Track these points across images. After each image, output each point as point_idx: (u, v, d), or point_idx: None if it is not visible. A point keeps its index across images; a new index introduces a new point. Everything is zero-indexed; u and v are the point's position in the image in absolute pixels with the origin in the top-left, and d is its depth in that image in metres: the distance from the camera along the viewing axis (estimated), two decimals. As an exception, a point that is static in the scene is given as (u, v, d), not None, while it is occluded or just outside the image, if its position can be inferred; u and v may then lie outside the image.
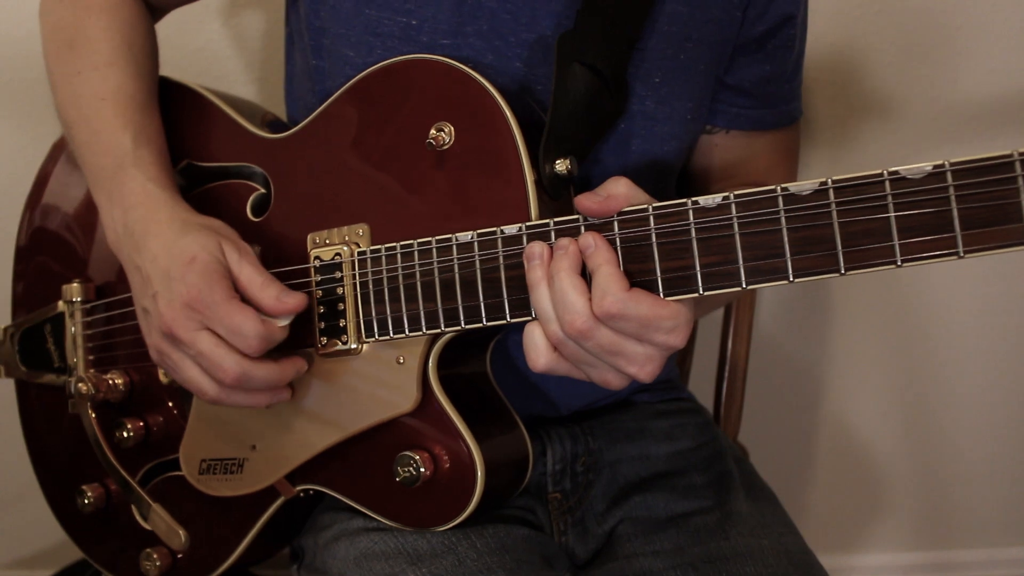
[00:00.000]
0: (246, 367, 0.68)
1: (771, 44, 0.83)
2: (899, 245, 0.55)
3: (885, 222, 0.55)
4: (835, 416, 1.32)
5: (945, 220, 0.53)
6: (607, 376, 0.63)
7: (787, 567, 0.76)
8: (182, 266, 0.68)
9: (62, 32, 0.82)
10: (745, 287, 0.59)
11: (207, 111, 0.84)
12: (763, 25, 0.81)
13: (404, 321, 0.69)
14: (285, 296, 0.69)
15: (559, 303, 0.60)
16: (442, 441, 0.70)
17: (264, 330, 0.67)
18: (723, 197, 0.59)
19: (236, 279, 0.69)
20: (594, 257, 0.60)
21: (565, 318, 0.60)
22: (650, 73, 0.77)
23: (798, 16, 0.84)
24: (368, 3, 0.75)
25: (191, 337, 0.68)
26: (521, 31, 0.75)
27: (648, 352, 0.61)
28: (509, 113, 0.67)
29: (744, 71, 0.83)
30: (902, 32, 1.15)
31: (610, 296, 0.59)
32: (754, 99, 0.85)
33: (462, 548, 0.72)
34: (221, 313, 0.67)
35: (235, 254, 0.70)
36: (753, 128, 0.86)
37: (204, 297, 0.67)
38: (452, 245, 0.67)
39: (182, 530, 0.77)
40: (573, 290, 0.60)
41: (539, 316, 0.62)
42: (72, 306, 0.87)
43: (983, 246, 0.53)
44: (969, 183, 0.53)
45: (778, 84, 0.86)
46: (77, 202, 0.92)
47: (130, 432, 0.83)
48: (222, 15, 1.18)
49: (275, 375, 0.70)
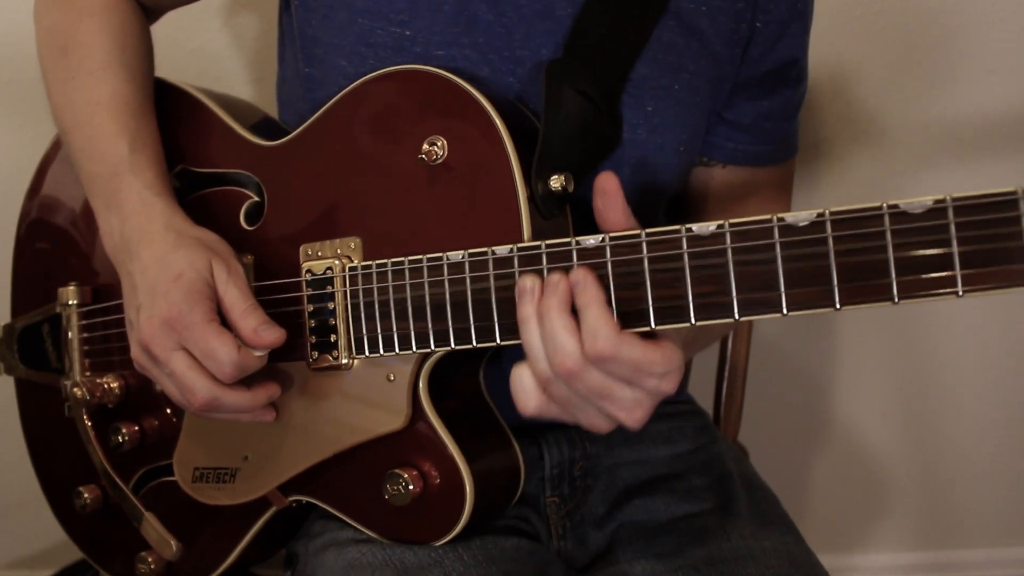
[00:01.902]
0: (216, 393, 0.67)
1: (772, 84, 0.81)
2: (896, 282, 0.53)
3: (883, 258, 0.53)
4: (835, 416, 1.32)
5: (945, 258, 0.52)
6: (595, 420, 0.61)
7: (788, 568, 0.76)
8: (167, 282, 0.68)
9: (55, 36, 0.81)
10: (738, 319, 0.57)
11: (203, 115, 0.83)
12: (766, 65, 0.80)
13: (395, 340, 0.68)
14: (263, 329, 0.68)
15: (549, 342, 0.59)
16: (432, 459, 0.70)
17: (239, 358, 0.66)
18: (718, 225, 0.58)
19: (221, 300, 0.69)
20: (583, 295, 0.59)
21: (555, 359, 0.58)
22: (642, 101, 0.75)
23: (802, 60, 0.82)
24: (362, 13, 0.74)
25: (166, 356, 0.68)
26: (516, 47, 0.73)
27: (637, 397, 0.59)
28: (503, 128, 0.66)
29: (743, 108, 0.82)
30: (902, 32, 1.14)
31: (602, 338, 0.57)
32: (752, 135, 0.84)
33: (448, 561, 0.72)
34: (198, 335, 0.66)
35: (223, 274, 0.69)
36: (750, 164, 0.85)
37: (184, 316, 0.66)
38: (443, 264, 0.66)
39: (174, 540, 0.78)
40: (563, 330, 0.58)
41: (528, 354, 0.61)
42: (68, 309, 0.87)
43: (983, 286, 0.51)
44: (970, 220, 0.51)
45: (777, 121, 0.84)
46: (78, 202, 0.92)
47: (125, 437, 0.84)
48: (220, 16, 1.17)
49: (245, 402, 0.69)
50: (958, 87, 1.16)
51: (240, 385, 0.70)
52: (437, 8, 0.73)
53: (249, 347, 0.68)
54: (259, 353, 0.68)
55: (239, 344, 0.67)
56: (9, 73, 1.20)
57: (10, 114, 1.22)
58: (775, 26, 0.78)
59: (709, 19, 0.76)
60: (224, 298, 0.69)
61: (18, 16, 1.14)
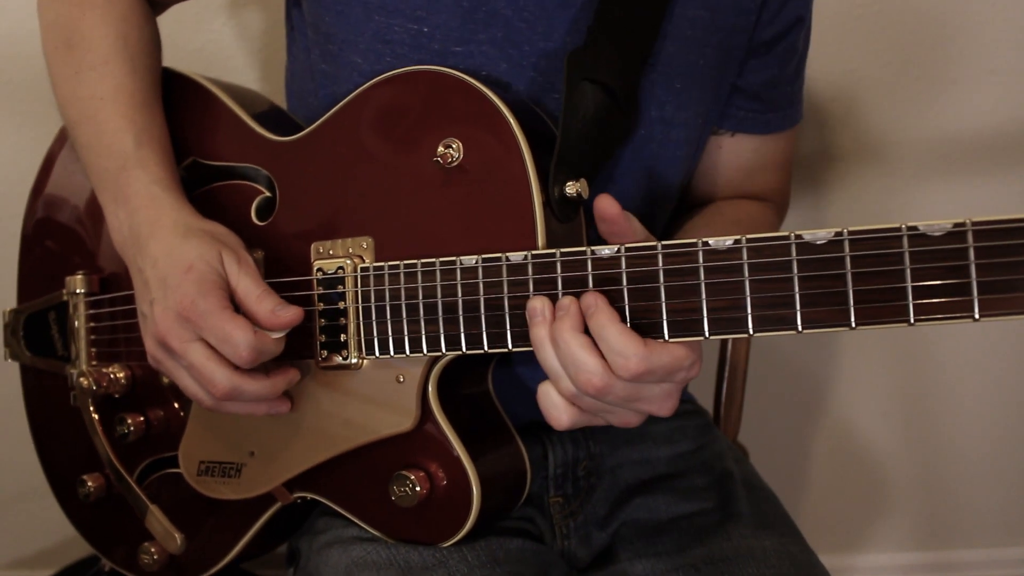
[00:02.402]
0: (236, 382, 0.67)
1: (780, 47, 0.82)
2: (913, 305, 0.53)
3: (900, 279, 0.53)
4: (835, 416, 1.32)
5: (963, 282, 0.52)
6: (628, 418, 0.63)
7: (789, 568, 0.76)
8: (179, 274, 0.67)
9: (58, 30, 0.81)
10: (752, 335, 0.57)
11: (215, 108, 0.82)
12: (774, 28, 0.80)
13: (405, 342, 0.68)
14: (280, 309, 0.67)
15: (569, 364, 0.60)
16: (439, 461, 0.70)
17: (256, 340, 0.66)
18: (734, 240, 0.57)
19: (234, 290, 0.68)
20: (596, 317, 0.59)
21: (580, 378, 0.59)
22: (671, 78, 0.76)
23: (807, 18, 0.83)
24: (378, 9, 0.73)
25: (183, 348, 0.67)
26: (537, 40, 0.73)
27: (667, 389, 0.61)
28: (519, 132, 0.65)
29: (753, 75, 0.83)
30: (902, 32, 1.14)
31: (633, 358, 0.57)
32: (760, 102, 0.85)
33: (453, 561, 0.72)
34: (212, 322, 0.66)
35: (234, 265, 0.69)
36: (758, 132, 0.86)
37: (197, 306, 0.66)
38: (456, 269, 0.66)
39: (178, 534, 0.78)
40: (581, 349, 0.59)
41: (549, 373, 0.62)
42: (75, 298, 0.87)
43: (1001, 312, 0.51)
44: (989, 246, 0.51)
45: (782, 87, 0.85)
46: (86, 192, 0.91)
47: (131, 427, 0.84)
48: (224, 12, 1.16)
49: (266, 389, 0.69)
50: (958, 87, 1.16)
51: (259, 372, 0.69)
52: (455, 4, 0.72)
53: (267, 330, 0.67)
54: (276, 335, 0.68)
55: (255, 328, 0.66)
56: (9, 73, 1.19)
57: (10, 114, 1.21)
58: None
59: None
60: (237, 288, 0.68)
61: (18, 16, 1.14)
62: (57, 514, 0.94)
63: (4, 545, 1.35)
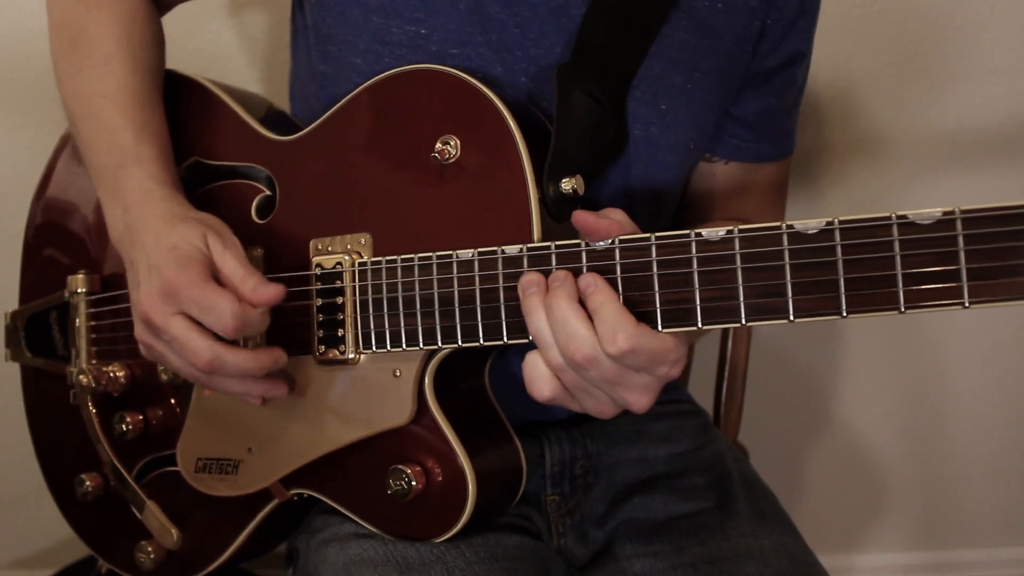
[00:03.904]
0: (218, 351, 0.67)
1: (778, 79, 0.83)
2: (903, 292, 0.54)
3: (890, 267, 0.54)
4: (835, 416, 1.32)
5: (952, 269, 0.52)
6: (602, 406, 0.63)
7: (787, 566, 0.76)
8: (162, 254, 0.68)
9: (65, 29, 0.82)
10: (744, 324, 0.58)
11: (216, 108, 0.83)
12: (774, 60, 0.81)
13: (402, 335, 0.69)
14: (261, 287, 0.67)
15: (560, 331, 0.60)
16: (435, 455, 0.70)
17: (239, 309, 0.66)
18: (727, 231, 0.58)
19: (219, 271, 0.69)
20: (595, 296, 0.59)
21: (570, 346, 0.59)
22: (655, 99, 0.76)
23: (807, 53, 0.84)
24: (377, 11, 0.74)
25: (165, 322, 0.67)
26: (529, 47, 0.74)
27: (647, 382, 0.61)
28: (516, 130, 0.66)
29: (749, 104, 0.83)
30: (902, 32, 1.15)
31: (622, 332, 0.58)
32: (755, 132, 0.85)
33: (451, 557, 0.72)
34: (196, 293, 0.66)
35: (219, 245, 0.69)
36: (751, 161, 0.86)
37: (178, 280, 0.66)
38: (452, 262, 0.67)
39: (175, 529, 0.78)
40: (575, 317, 0.59)
41: (538, 342, 0.62)
42: (76, 297, 0.88)
43: (990, 298, 0.52)
44: (979, 233, 0.52)
45: (778, 118, 0.86)
46: (88, 193, 0.92)
47: (129, 426, 0.84)
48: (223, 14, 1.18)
49: (249, 362, 0.69)
50: (958, 87, 1.17)
51: (243, 348, 0.70)
52: (453, 6, 0.74)
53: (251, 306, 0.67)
54: (260, 310, 0.68)
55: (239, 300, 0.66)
56: (9, 73, 1.20)
57: (10, 114, 1.22)
58: (784, 23, 0.79)
59: (724, 16, 0.77)
60: (223, 268, 0.68)
61: (18, 16, 1.16)
62: (57, 514, 0.94)
63: (4, 545, 1.35)
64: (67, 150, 0.96)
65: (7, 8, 1.17)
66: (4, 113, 1.22)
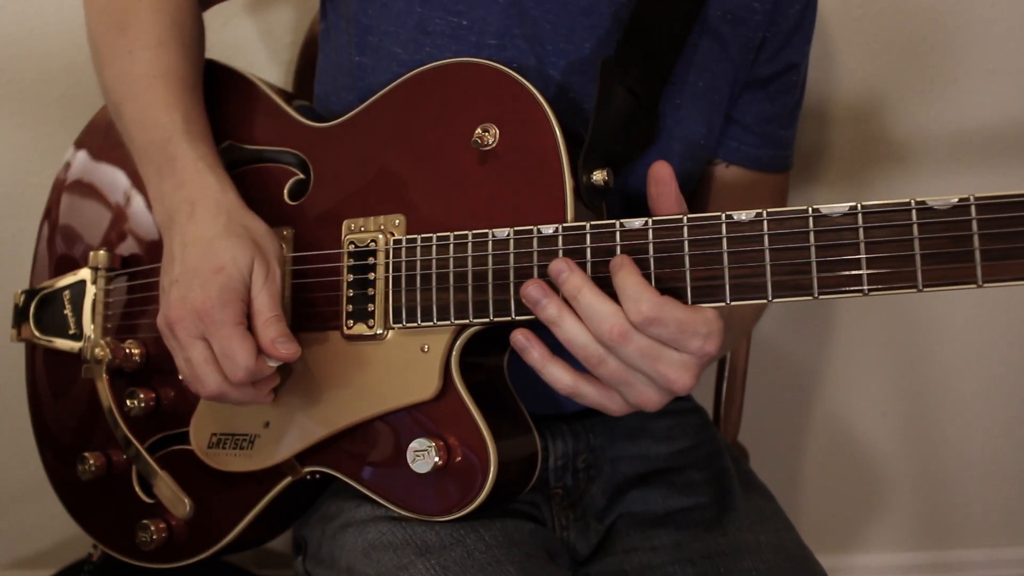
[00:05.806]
0: (225, 389, 0.71)
1: (774, 86, 0.88)
2: (921, 271, 0.58)
3: (909, 248, 0.58)
4: (835, 416, 1.32)
5: (966, 250, 0.57)
6: (647, 393, 0.64)
7: (784, 562, 0.78)
8: (208, 271, 0.70)
9: (112, 14, 0.84)
10: (771, 300, 0.61)
11: (253, 95, 0.86)
12: (771, 67, 0.86)
13: (433, 310, 0.71)
14: (281, 342, 0.71)
15: (589, 318, 0.62)
16: (458, 432, 0.71)
17: (255, 367, 0.70)
18: (756, 213, 0.62)
19: (251, 303, 0.72)
20: (619, 274, 0.62)
21: (602, 327, 0.61)
22: (672, 96, 0.81)
23: (801, 65, 0.90)
24: (420, 2, 0.78)
25: (188, 342, 0.71)
26: (560, 41, 0.79)
27: (685, 360, 0.62)
28: (555, 121, 0.70)
29: (748, 107, 0.88)
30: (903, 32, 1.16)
31: (645, 302, 0.61)
32: (755, 136, 0.89)
33: (471, 540, 0.72)
34: (223, 334, 0.69)
35: (260, 279, 0.72)
36: (751, 166, 0.90)
37: (214, 313, 0.69)
38: (488, 240, 0.69)
39: (187, 498, 0.78)
40: (598, 300, 0.62)
41: (573, 345, 0.64)
42: (97, 272, 0.88)
43: (1002, 277, 0.56)
44: (991, 218, 0.56)
45: (776, 127, 0.90)
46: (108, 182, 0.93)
47: (141, 402, 0.84)
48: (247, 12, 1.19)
49: (249, 397, 0.73)
50: (958, 86, 1.17)
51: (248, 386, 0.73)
52: (492, 1, 0.78)
53: (264, 355, 0.71)
54: (272, 363, 0.72)
55: (257, 352, 0.70)
56: (9, 73, 1.20)
57: (10, 114, 1.22)
58: (782, 36, 0.85)
59: (731, 27, 0.82)
60: (255, 301, 0.72)
61: (19, 16, 1.16)
62: (56, 514, 0.92)
63: (4, 545, 1.31)
64: (88, 139, 0.98)
65: (7, 8, 1.18)
66: (4, 113, 1.22)
